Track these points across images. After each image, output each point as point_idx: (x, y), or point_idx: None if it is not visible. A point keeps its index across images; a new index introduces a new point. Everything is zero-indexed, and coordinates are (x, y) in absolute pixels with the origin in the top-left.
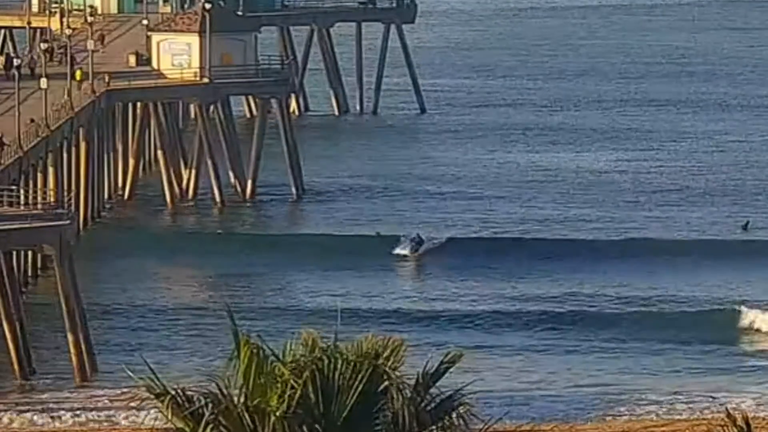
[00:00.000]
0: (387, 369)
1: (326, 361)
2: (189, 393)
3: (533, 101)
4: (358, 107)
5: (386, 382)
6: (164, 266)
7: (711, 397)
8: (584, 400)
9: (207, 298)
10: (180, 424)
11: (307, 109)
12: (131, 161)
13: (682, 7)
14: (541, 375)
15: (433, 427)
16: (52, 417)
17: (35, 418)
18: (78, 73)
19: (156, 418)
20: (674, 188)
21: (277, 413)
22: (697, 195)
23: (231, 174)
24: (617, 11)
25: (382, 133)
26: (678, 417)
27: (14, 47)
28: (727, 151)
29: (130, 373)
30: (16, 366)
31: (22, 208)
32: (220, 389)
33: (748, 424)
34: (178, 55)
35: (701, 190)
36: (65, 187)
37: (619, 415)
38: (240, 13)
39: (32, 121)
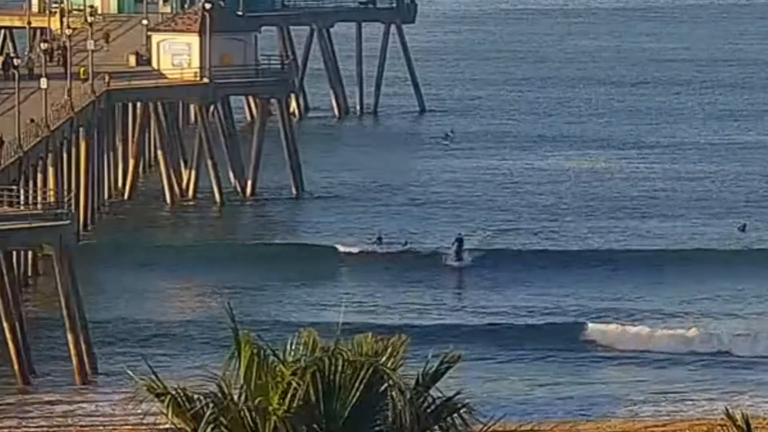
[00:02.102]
0: (387, 370)
1: (327, 362)
2: (189, 393)
3: (528, 105)
4: (358, 107)
5: (387, 383)
6: (161, 276)
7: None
8: (584, 401)
9: (208, 310)
10: (181, 424)
11: (307, 109)
12: (131, 161)
13: (675, 10)
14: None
15: (435, 427)
16: (52, 417)
17: (35, 418)
18: (81, 71)
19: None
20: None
21: (278, 413)
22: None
23: (231, 174)
24: (615, 13)
25: (382, 133)
26: (678, 417)
27: (14, 47)
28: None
29: (131, 374)
30: (16, 366)
31: (22, 208)
32: (221, 389)
33: (748, 424)
34: (178, 55)
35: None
36: (65, 187)
37: (619, 415)
38: (240, 13)
39: (32, 121)
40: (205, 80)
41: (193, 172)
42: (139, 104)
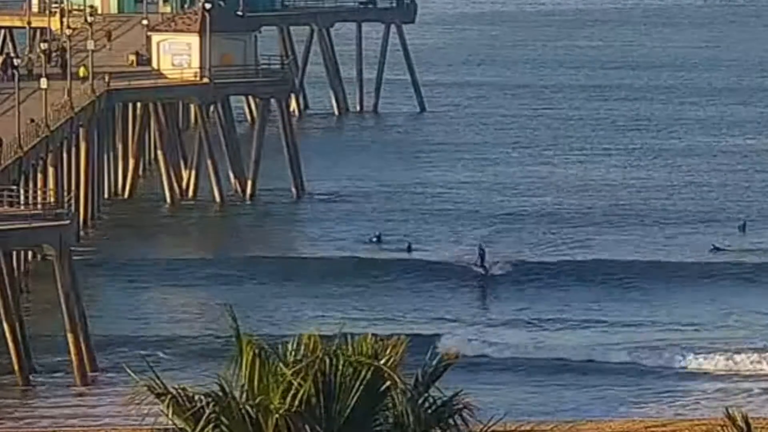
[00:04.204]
0: (388, 369)
1: (327, 362)
2: (190, 392)
3: (525, 110)
4: (358, 107)
5: (387, 383)
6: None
7: None
8: (584, 400)
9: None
10: (181, 424)
11: (306, 107)
12: (131, 161)
13: (673, 13)
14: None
15: (435, 427)
16: (52, 418)
17: (35, 418)
18: (81, 70)
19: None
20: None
21: (279, 413)
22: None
23: (231, 174)
24: (613, 16)
25: (382, 133)
26: (678, 417)
27: (14, 47)
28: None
29: (131, 373)
30: (16, 366)
31: (22, 208)
32: (222, 388)
33: (747, 424)
34: (178, 55)
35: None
36: (65, 187)
37: (619, 416)
38: (240, 13)
39: (32, 121)
40: (205, 80)
41: (193, 173)
42: (139, 104)
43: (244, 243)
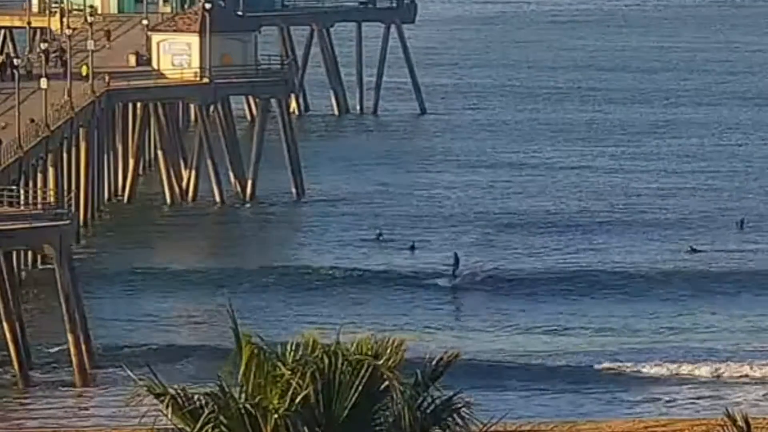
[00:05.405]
0: (387, 369)
1: (327, 361)
2: (189, 392)
3: (518, 117)
4: (358, 107)
5: (386, 382)
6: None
7: None
8: (584, 400)
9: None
10: (181, 424)
11: (307, 108)
12: (131, 161)
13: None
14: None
15: (435, 426)
16: (52, 418)
17: (36, 418)
18: (84, 69)
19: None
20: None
21: (278, 412)
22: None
23: (231, 174)
24: (613, 19)
25: (382, 133)
26: (678, 417)
27: (14, 47)
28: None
29: (131, 373)
30: (15, 365)
31: (22, 208)
32: (221, 388)
33: (747, 424)
34: (178, 55)
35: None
36: (65, 187)
37: (619, 416)
38: (240, 13)
39: (32, 121)
40: (205, 80)
41: (193, 173)
42: (139, 104)
43: (244, 245)
